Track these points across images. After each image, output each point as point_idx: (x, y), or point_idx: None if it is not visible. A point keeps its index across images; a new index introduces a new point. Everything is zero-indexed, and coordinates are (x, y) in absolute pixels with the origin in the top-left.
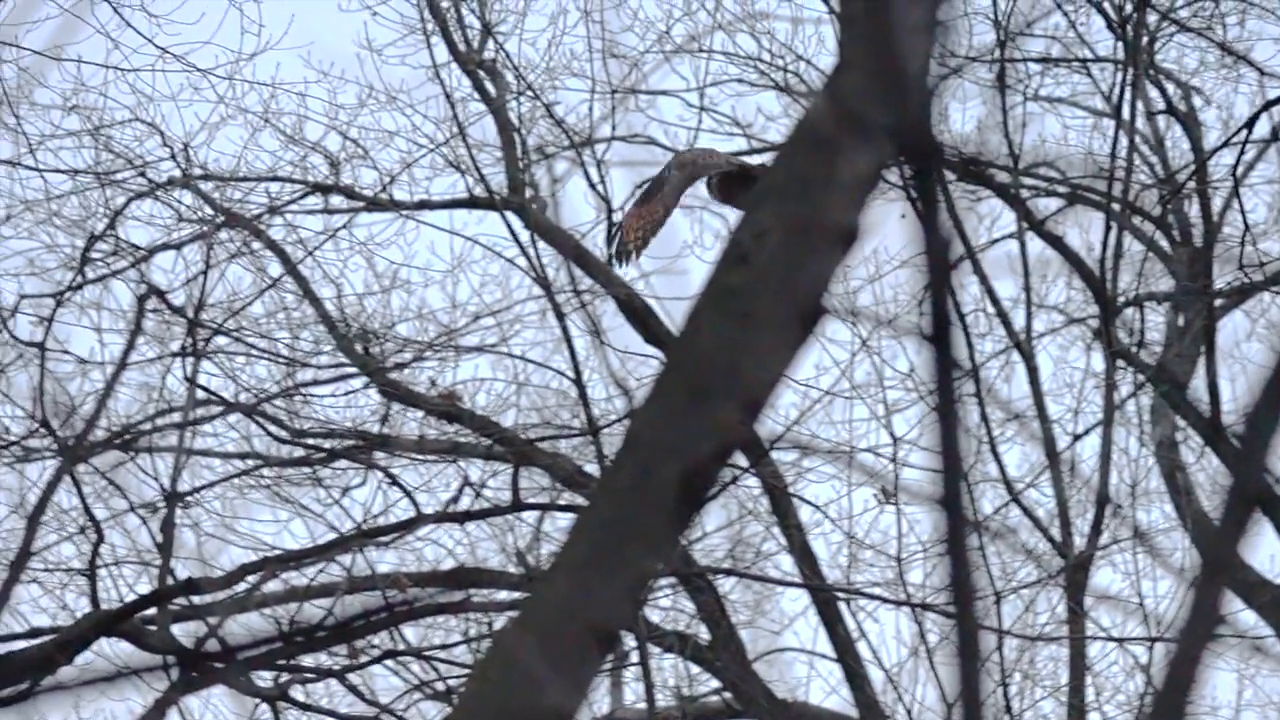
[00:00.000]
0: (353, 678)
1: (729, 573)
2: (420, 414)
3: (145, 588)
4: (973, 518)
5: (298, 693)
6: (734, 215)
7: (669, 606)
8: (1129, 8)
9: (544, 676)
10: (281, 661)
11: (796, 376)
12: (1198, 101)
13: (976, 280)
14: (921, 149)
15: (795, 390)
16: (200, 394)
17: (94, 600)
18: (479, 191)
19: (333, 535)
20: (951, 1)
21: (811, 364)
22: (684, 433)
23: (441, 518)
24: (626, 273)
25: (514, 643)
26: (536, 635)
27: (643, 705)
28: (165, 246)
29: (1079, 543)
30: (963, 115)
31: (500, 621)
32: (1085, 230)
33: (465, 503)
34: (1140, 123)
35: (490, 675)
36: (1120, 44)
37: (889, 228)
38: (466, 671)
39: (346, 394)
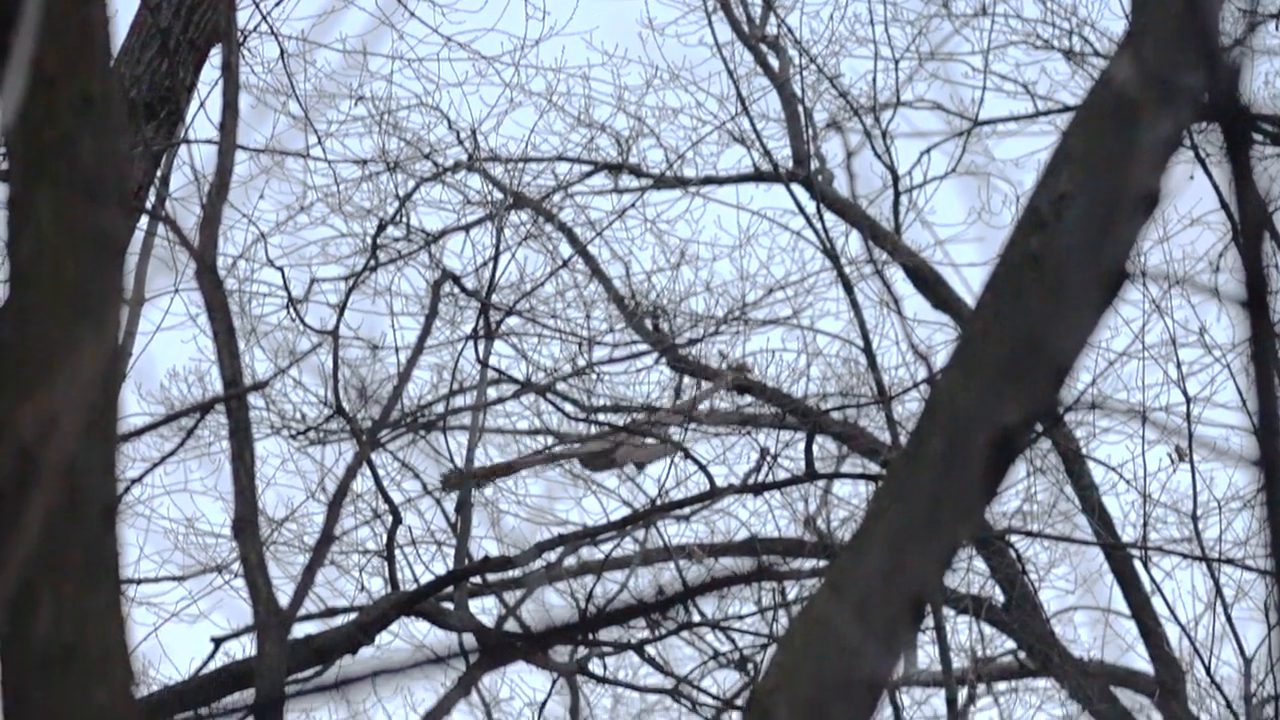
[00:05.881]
0: (650, 650)
1: (1026, 533)
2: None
3: (442, 568)
4: None
5: (596, 666)
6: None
7: (964, 569)
8: None
9: (861, 645)
10: (579, 637)
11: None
12: None
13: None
14: (1231, 111)
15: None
16: (493, 374)
17: (392, 582)
18: (764, 165)
19: (627, 511)
20: None
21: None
22: (992, 401)
23: (738, 489)
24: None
25: (829, 612)
26: (853, 605)
27: (937, 668)
28: (455, 229)
29: None
30: (1252, 73)
31: (794, 591)
32: None
33: (762, 474)
34: None
35: (801, 644)
36: None
37: (1177, 186)
38: (761, 641)
39: (638, 370)
